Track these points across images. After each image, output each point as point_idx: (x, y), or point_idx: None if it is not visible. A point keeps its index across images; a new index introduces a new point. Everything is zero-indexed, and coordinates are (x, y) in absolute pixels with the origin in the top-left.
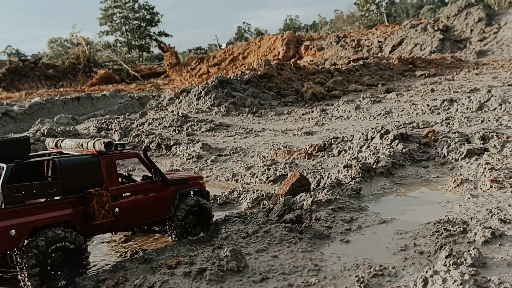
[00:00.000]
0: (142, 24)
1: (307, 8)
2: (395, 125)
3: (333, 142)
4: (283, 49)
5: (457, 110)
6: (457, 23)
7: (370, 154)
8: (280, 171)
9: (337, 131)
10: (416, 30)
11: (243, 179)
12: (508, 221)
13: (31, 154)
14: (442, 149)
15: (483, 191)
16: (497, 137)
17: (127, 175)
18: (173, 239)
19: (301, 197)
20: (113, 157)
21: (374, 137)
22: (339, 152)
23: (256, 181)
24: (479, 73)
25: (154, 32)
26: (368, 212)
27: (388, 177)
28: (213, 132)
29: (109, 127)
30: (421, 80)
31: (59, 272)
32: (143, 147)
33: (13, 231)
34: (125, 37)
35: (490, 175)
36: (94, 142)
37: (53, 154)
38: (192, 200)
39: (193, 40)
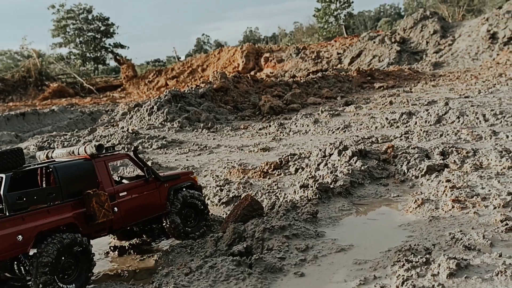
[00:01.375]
0: (97, 35)
1: (266, 20)
2: (354, 140)
3: (290, 159)
4: (242, 61)
5: (415, 123)
6: (413, 35)
7: (328, 173)
8: (234, 192)
9: (294, 147)
10: (374, 42)
11: None
12: (472, 247)
13: (25, 165)
14: (401, 166)
15: (445, 212)
16: (457, 153)
17: (119, 178)
18: (173, 234)
19: (252, 223)
20: (105, 159)
21: (332, 153)
22: (296, 170)
23: (207, 204)
24: (436, 85)
25: (109, 44)
26: (325, 239)
27: (347, 197)
28: (165, 149)
29: (51, 145)
30: (379, 92)
31: (66, 277)
32: (133, 147)
33: (20, 236)
34: (79, 49)
35: (452, 194)
36: (85, 147)
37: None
38: (185, 193)
39: (152, 52)
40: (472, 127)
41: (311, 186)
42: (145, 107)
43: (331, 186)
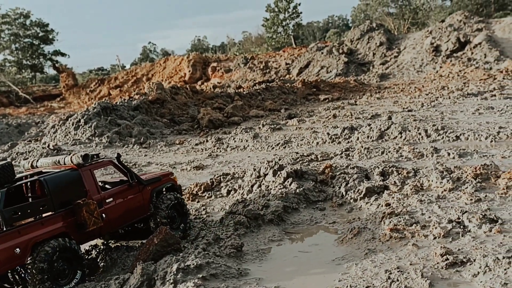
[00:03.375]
0: (34, 42)
1: (215, 29)
2: (292, 158)
3: (222, 179)
4: (189, 71)
5: (357, 139)
6: (361, 47)
7: (260, 196)
8: None
9: (230, 165)
10: (322, 53)
11: None
12: None
13: (16, 178)
14: (340, 188)
15: (382, 243)
16: (397, 173)
17: (103, 183)
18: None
19: (166, 261)
20: (91, 168)
21: (267, 173)
22: (228, 192)
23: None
24: (381, 97)
25: (48, 51)
26: (248, 279)
27: (279, 224)
28: None
29: None
30: (324, 105)
31: (62, 280)
32: (116, 154)
33: (17, 249)
34: (14, 56)
35: (390, 222)
36: (72, 157)
37: (29, 175)
38: (169, 195)
39: (95, 61)
40: (414, 143)
41: (239, 213)
42: (71, 120)
43: (262, 213)
